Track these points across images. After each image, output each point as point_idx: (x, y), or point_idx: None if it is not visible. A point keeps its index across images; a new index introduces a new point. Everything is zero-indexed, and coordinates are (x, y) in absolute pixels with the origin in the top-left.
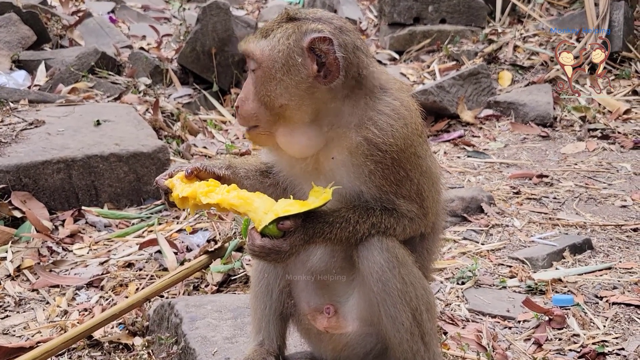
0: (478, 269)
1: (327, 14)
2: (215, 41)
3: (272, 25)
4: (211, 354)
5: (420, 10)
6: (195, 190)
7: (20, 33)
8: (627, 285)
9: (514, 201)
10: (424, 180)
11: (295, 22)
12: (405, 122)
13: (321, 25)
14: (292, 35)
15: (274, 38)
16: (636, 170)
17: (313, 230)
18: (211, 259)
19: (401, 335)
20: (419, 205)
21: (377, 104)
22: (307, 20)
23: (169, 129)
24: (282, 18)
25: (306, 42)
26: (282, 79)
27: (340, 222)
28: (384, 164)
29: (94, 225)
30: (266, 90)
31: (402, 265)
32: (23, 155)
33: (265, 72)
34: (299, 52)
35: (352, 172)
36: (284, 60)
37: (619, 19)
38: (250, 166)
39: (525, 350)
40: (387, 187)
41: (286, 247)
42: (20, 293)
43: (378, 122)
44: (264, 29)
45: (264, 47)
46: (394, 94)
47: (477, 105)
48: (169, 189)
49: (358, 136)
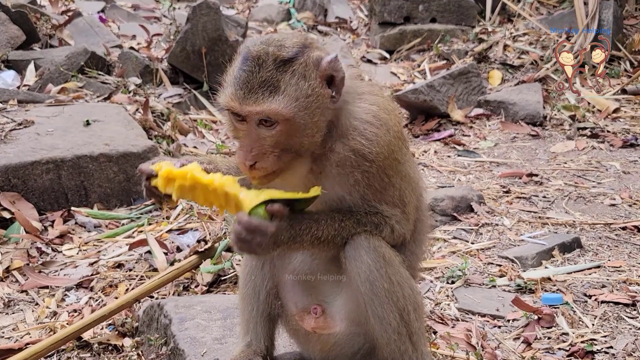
0: (468, 268)
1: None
2: (206, 41)
3: (270, 76)
4: (200, 354)
5: (411, 10)
6: (185, 171)
7: (9, 33)
8: (616, 283)
9: (504, 200)
10: (405, 185)
11: (296, 60)
12: (387, 128)
13: (315, 49)
14: (307, 73)
15: (291, 87)
16: (625, 169)
17: (299, 225)
18: (201, 260)
19: (389, 335)
20: (402, 210)
21: (357, 111)
22: (301, 52)
23: (159, 128)
24: (272, 66)
25: (324, 73)
26: (312, 121)
27: (326, 219)
28: (369, 172)
29: (83, 225)
30: (296, 139)
31: (389, 265)
32: (12, 156)
33: (293, 124)
34: (319, 85)
35: (337, 182)
36: (310, 101)
37: (609, 18)
38: (232, 163)
39: (514, 349)
40: (371, 195)
41: (272, 228)
42: (9, 294)
43: (363, 131)
44: (264, 83)
45: (284, 102)
46: (370, 98)
47: (468, 105)
48: (151, 175)
49: (345, 147)
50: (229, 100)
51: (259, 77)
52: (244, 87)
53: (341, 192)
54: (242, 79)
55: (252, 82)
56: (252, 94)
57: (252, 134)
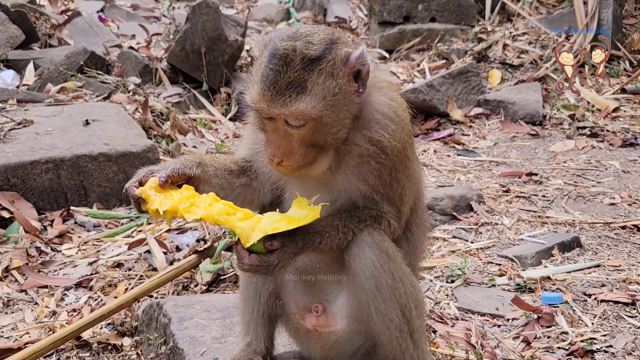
0: (467, 267)
1: (324, 32)
2: (205, 40)
3: (297, 76)
4: (200, 354)
5: (410, 9)
6: (176, 205)
7: (8, 32)
8: (616, 282)
9: (504, 199)
10: (408, 184)
11: (324, 59)
12: (404, 125)
13: (343, 45)
14: (334, 71)
15: (318, 87)
16: (625, 168)
17: (303, 241)
18: (200, 259)
19: (390, 333)
20: (397, 209)
21: (378, 104)
22: (328, 49)
23: (159, 128)
24: (299, 65)
25: (352, 69)
26: (339, 118)
27: (329, 230)
28: (383, 164)
29: (82, 225)
30: (322, 135)
31: (392, 260)
32: (11, 155)
33: (320, 122)
34: (346, 82)
35: (353, 172)
36: (337, 99)
37: (608, 17)
38: (220, 165)
39: (514, 348)
40: (380, 187)
41: (274, 261)
42: (9, 294)
43: (384, 125)
44: (291, 84)
45: (312, 103)
46: (389, 93)
47: (467, 104)
48: (140, 198)
49: (366, 139)
50: (257, 102)
51: (286, 78)
52: (271, 87)
53: (355, 182)
54: (270, 78)
55: (280, 83)
56: (280, 96)
57: (280, 132)
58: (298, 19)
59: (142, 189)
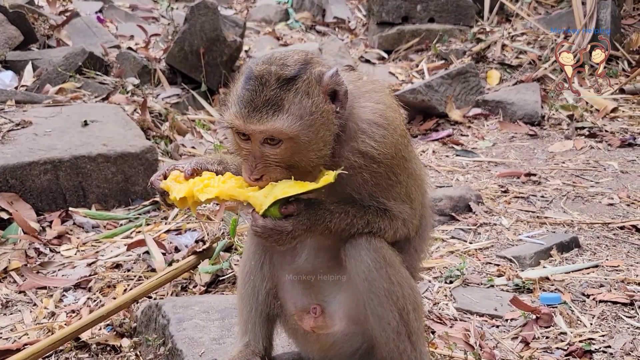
0: (466, 268)
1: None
2: (204, 41)
3: (273, 95)
4: (198, 355)
5: (409, 10)
6: (190, 189)
7: (7, 33)
8: (614, 283)
9: (502, 200)
10: (412, 182)
11: (299, 78)
12: (394, 127)
13: (317, 65)
14: (310, 90)
15: (294, 105)
16: (623, 168)
17: (315, 215)
18: (199, 260)
19: (388, 335)
20: (410, 206)
21: (363, 113)
22: (303, 69)
23: (157, 129)
24: (275, 85)
25: (326, 87)
26: (317, 137)
27: (340, 212)
28: (377, 172)
29: (81, 226)
30: (302, 156)
31: (390, 265)
32: (10, 156)
33: (297, 142)
34: (322, 101)
35: (347, 182)
36: (314, 119)
37: (606, 17)
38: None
39: (512, 349)
40: (379, 193)
41: (289, 227)
42: (7, 295)
43: (371, 134)
44: (267, 102)
45: (289, 121)
46: (374, 96)
47: (466, 104)
48: (165, 191)
49: (354, 152)
50: (233, 119)
51: (262, 96)
52: (247, 105)
53: (349, 191)
54: (246, 98)
55: (256, 101)
56: (256, 113)
57: (257, 152)
58: (297, 19)
59: (165, 182)
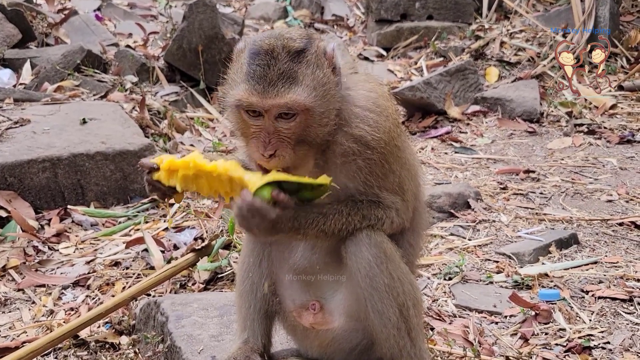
0: (465, 265)
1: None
2: (202, 38)
3: (287, 68)
4: (197, 352)
5: (407, 7)
6: (187, 160)
7: (5, 31)
8: (613, 279)
9: (501, 197)
10: (405, 172)
11: (308, 51)
12: (387, 115)
13: (318, 40)
14: (319, 62)
15: (308, 77)
16: (622, 165)
17: (305, 218)
18: (198, 257)
19: (388, 331)
20: (402, 198)
21: (357, 98)
22: (309, 42)
23: (156, 126)
24: (287, 57)
25: (331, 60)
26: (327, 109)
27: (334, 213)
28: (371, 159)
29: (80, 224)
30: (312, 129)
31: (390, 260)
32: (8, 154)
33: (312, 113)
34: (330, 72)
35: (341, 171)
36: (326, 89)
37: (605, 14)
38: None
39: (511, 345)
40: (373, 181)
41: (272, 215)
42: (6, 293)
43: (364, 118)
44: (282, 75)
45: (305, 92)
46: (367, 85)
47: (464, 102)
48: (153, 168)
49: (348, 137)
50: (247, 96)
51: (276, 70)
52: (261, 81)
53: (344, 180)
54: (258, 73)
55: (270, 76)
56: (272, 87)
57: (270, 128)
58: (295, 17)
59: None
